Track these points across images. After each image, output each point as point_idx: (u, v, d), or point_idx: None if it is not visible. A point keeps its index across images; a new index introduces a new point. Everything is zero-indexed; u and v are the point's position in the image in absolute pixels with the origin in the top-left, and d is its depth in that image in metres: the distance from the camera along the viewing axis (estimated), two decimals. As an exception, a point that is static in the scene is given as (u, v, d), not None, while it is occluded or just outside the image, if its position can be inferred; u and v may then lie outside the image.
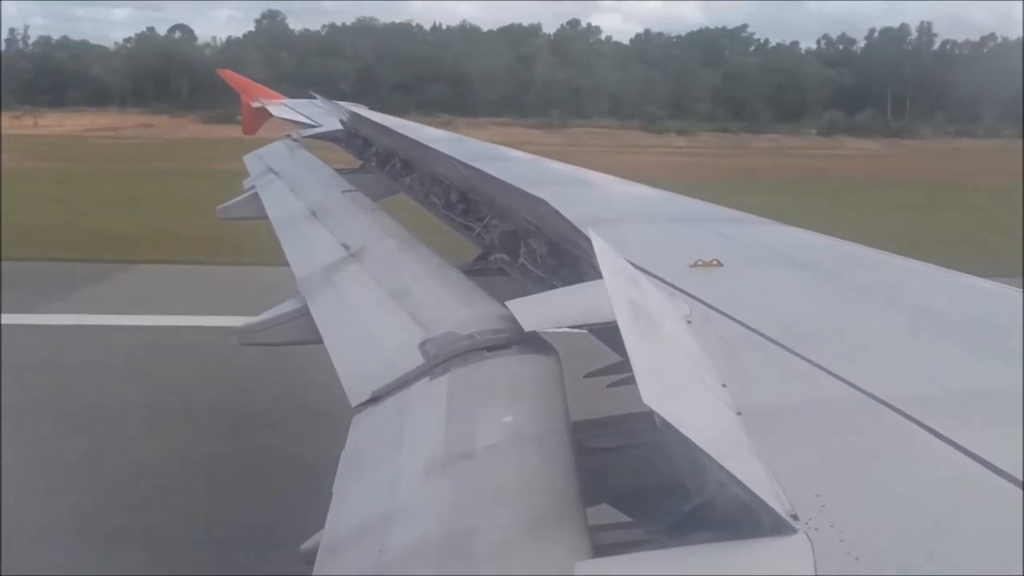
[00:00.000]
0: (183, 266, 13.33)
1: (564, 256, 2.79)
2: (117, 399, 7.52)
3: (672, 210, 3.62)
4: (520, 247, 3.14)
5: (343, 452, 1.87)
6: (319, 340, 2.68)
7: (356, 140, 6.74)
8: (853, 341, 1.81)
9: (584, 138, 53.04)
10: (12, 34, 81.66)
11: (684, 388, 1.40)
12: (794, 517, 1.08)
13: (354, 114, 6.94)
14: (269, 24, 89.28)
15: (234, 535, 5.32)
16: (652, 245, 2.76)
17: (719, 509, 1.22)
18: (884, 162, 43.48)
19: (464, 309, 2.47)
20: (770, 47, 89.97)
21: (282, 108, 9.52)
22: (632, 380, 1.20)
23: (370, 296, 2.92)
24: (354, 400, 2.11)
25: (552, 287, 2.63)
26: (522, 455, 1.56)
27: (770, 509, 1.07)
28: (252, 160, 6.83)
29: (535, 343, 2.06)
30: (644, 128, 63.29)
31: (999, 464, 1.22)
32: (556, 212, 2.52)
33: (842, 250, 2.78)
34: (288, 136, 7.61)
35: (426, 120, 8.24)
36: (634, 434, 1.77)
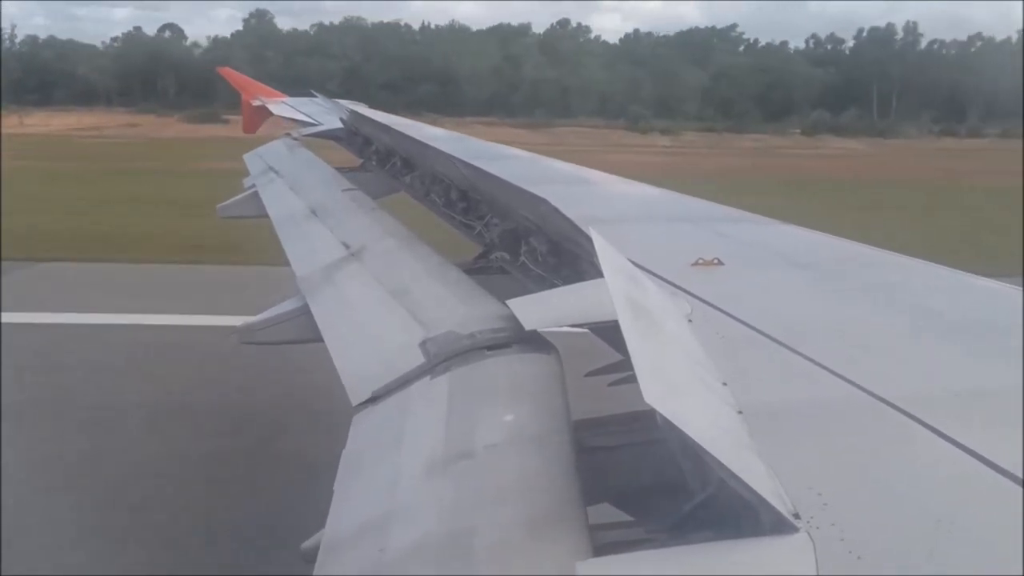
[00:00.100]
0: (115, 264, 13.05)
1: (565, 255, 2.78)
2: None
3: (673, 209, 3.62)
4: (521, 246, 3.13)
5: (344, 451, 1.87)
6: (319, 339, 2.68)
7: (356, 139, 6.73)
8: (854, 340, 1.80)
9: (569, 137, 52.61)
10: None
11: (685, 387, 1.40)
12: (795, 516, 1.08)
13: (354, 113, 6.93)
14: (257, 23, 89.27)
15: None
16: (653, 244, 2.76)
17: (720, 508, 1.22)
18: (864, 161, 43.38)
19: (465, 308, 2.47)
20: (760, 47, 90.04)
21: (282, 106, 9.51)
22: (633, 379, 1.20)
23: (371, 295, 2.92)
24: (355, 399, 2.11)
25: (553, 286, 2.62)
26: (523, 454, 1.56)
27: (771, 508, 1.07)
28: (252, 159, 6.82)
29: (536, 342, 2.06)
30: (629, 127, 62.90)
31: (1001, 463, 1.22)
32: (557, 211, 2.51)
33: (843, 249, 2.78)
34: (288, 135, 7.61)
35: (412, 119, 8.18)
36: (635, 433, 1.77)
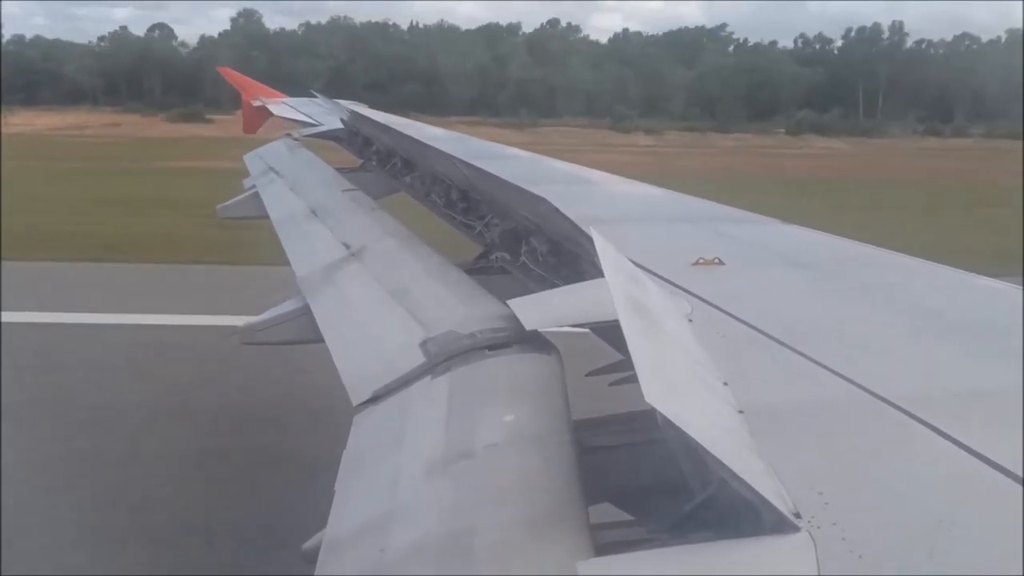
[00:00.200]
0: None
1: (565, 255, 2.78)
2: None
3: (673, 209, 3.62)
4: (521, 246, 3.13)
5: (344, 451, 1.87)
6: (320, 339, 2.68)
7: (357, 139, 6.73)
8: (854, 340, 1.80)
9: (552, 137, 52.18)
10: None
11: (686, 387, 1.40)
12: (796, 515, 1.08)
13: (355, 113, 6.93)
14: (245, 23, 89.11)
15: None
16: (654, 244, 2.76)
17: (721, 507, 1.22)
18: (845, 161, 43.38)
19: (465, 308, 2.47)
20: (749, 46, 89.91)
21: (283, 107, 9.51)
22: (634, 379, 1.20)
23: (371, 295, 2.92)
24: (355, 399, 2.11)
25: (553, 286, 2.62)
26: (523, 454, 1.56)
27: (772, 507, 1.07)
28: (252, 159, 6.82)
29: (536, 342, 2.06)
30: (614, 127, 62.53)
31: (1002, 462, 1.22)
32: (557, 211, 2.51)
33: (844, 249, 2.78)
34: (289, 135, 7.61)
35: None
36: (636, 433, 1.77)
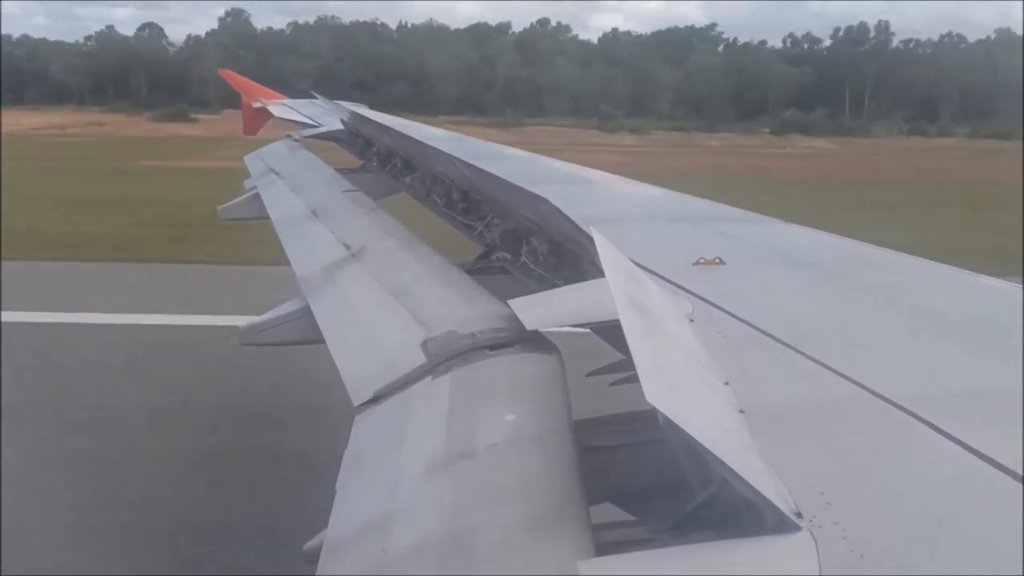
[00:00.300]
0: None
1: (566, 255, 2.78)
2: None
3: (674, 208, 3.62)
4: (522, 246, 3.13)
5: (345, 452, 1.87)
6: (321, 340, 2.68)
7: (357, 140, 6.73)
8: (856, 339, 1.80)
9: (537, 136, 51.76)
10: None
11: (687, 386, 1.40)
12: (798, 515, 1.08)
13: (355, 114, 6.93)
14: (233, 22, 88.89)
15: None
16: (654, 243, 2.76)
17: (722, 507, 1.22)
18: (826, 160, 43.45)
19: (466, 308, 2.47)
20: (738, 46, 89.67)
21: (283, 108, 9.51)
22: (635, 378, 1.20)
23: (372, 295, 2.92)
24: (356, 399, 2.11)
25: (554, 286, 2.62)
26: (524, 454, 1.56)
27: (774, 507, 1.07)
28: (253, 160, 6.82)
29: (537, 342, 2.06)
30: (600, 127, 62.33)
31: (1003, 462, 1.22)
32: (558, 211, 2.51)
33: (844, 248, 2.78)
34: (289, 136, 7.61)
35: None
36: (637, 432, 1.77)
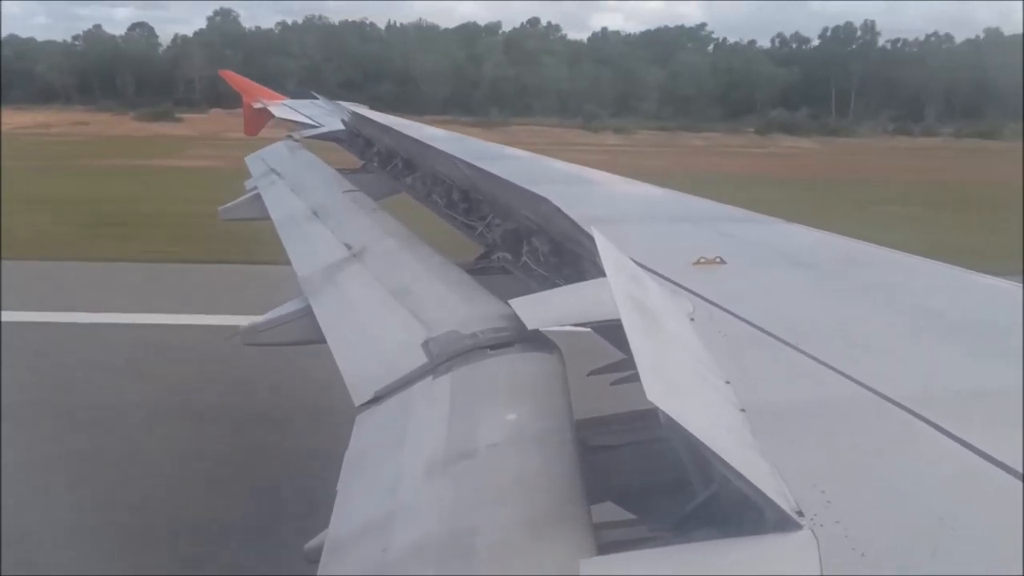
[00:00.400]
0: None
1: (567, 254, 2.78)
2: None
3: (674, 208, 3.62)
4: (523, 245, 3.13)
5: (346, 452, 1.87)
6: (322, 340, 2.69)
7: (358, 140, 6.74)
8: (856, 338, 1.80)
9: (521, 136, 50.65)
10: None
11: (688, 385, 1.40)
12: (799, 514, 1.08)
13: (355, 114, 6.94)
14: (222, 22, 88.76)
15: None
16: (655, 243, 2.76)
17: (723, 506, 1.22)
18: (810, 159, 43.42)
19: (467, 308, 2.47)
20: (727, 46, 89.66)
21: (283, 108, 9.51)
22: (636, 378, 1.20)
23: (373, 296, 2.92)
24: (357, 400, 2.11)
25: (555, 285, 2.63)
26: (525, 454, 1.56)
27: (775, 506, 1.07)
28: (254, 161, 6.82)
29: (538, 341, 2.06)
30: (584, 126, 62.02)
31: (1004, 460, 1.22)
32: (559, 210, 2.51)
33: (845, 247, 2.78)
34: (289, 136, 7.62)
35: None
36: (638, 432, 1.78)
